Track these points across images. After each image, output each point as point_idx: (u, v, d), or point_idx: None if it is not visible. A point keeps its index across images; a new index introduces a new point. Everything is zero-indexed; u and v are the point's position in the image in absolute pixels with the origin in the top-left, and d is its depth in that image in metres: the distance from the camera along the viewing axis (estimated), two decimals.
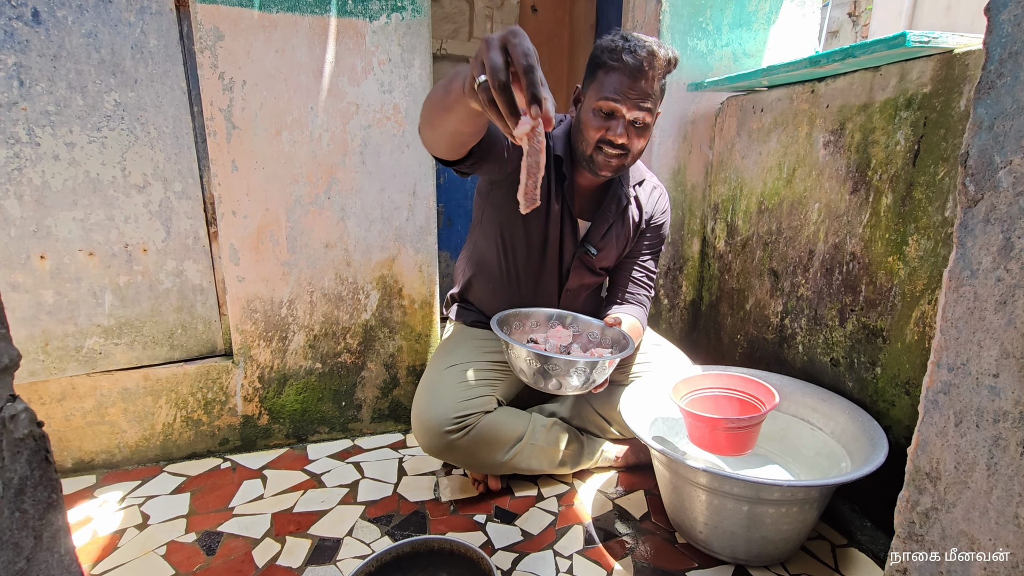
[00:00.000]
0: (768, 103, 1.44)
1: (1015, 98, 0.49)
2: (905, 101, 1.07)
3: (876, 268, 1.14)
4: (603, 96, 1.08)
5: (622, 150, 1.11)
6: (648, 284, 1.36)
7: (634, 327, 1.26)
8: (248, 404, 1.48)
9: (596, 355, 1.10)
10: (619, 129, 1.08)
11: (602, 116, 1.09)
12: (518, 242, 1.27)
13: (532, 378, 1.01)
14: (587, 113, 1.11)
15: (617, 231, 1.29)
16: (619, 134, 1.08)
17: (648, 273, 1.36)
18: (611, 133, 1.09)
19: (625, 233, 1.31)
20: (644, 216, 1.31)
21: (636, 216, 1.31)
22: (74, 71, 1.17)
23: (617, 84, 1.06)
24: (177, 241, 1.35)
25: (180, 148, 1.31)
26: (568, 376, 0.98)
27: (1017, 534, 0.51)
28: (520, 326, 1.21)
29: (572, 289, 1.34)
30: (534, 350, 0.98)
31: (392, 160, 1.45)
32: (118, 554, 1.11)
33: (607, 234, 1.28)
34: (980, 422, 0.53)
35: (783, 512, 1.02)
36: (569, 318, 1.25)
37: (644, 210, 1.31)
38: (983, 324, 0.52)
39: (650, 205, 1.32)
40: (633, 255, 1.36)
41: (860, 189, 1.17)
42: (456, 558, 0.98)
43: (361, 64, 1.37)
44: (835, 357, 1.26)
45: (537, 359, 0.97)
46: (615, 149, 1.11)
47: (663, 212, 1.34)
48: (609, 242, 1.29)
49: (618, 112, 1.08)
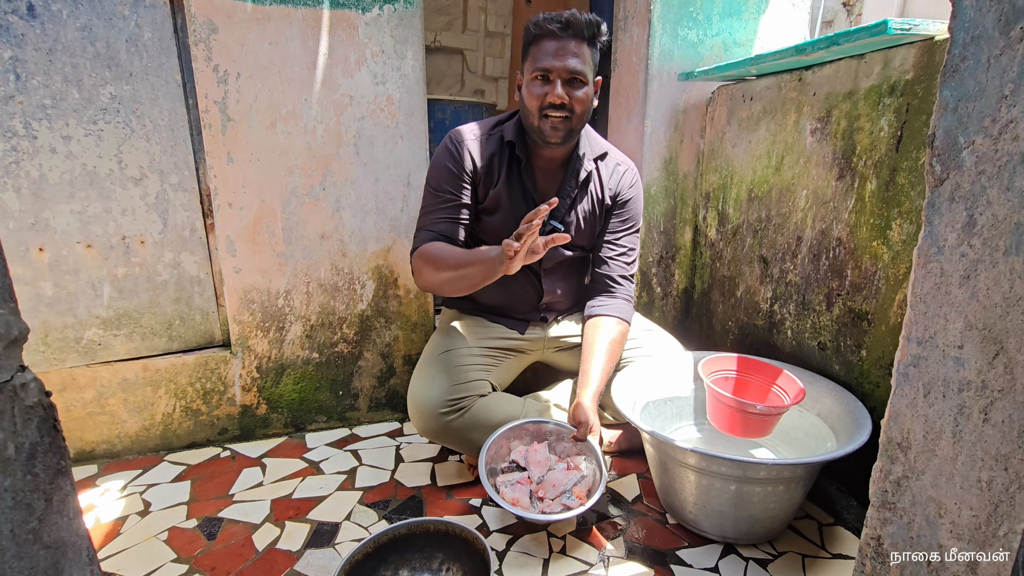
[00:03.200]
0: (757, 92, 1.46)
1: (977, 80, 0.51)
2: (888, 88, 1.09)
3: (861, 253, 1.17)
4: (536, 66, 1.15)
5: (565, 112, 1.16)
6: (627, 262, 1.38)
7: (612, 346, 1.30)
8: (246, 394, 1.50)
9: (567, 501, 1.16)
10: (557, 89, 1.14)
11: (539, 83, 1.16)
12: (489, 236, 1.31)
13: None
14: (527, 88, 1.18)
15: (584, 206, 1.32)
16: (558, 94, 1.14)
17: (626, 250, 1.38)
18: (550, 96, 1.15)
19: (591, 207, 1.33)
20: (607, 192, 1.34)
21: (599, 191, 1.33)
22: (69, 65, 1.18)
23: (545, 48, 1.14)
24: (174, 233, 1.36)
25: (176, 141, 1.32)
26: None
27: (980, 497, 0.53)
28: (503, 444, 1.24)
29: (550, 269, 1.37)
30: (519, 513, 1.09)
31: (386, 151, 1.47)
32: (121, 539, 1.13)
33: (572, 209, 1.31)
34: (946, 392, 0.56)
35: (770, 491, 1.04)
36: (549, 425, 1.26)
37: (607, 185, 1.33)
38: (949, 298, 0.55)
39: (614, 181, 1.34)
40: (607, 234, 1.37)
41: (846, 175, 1.20)
42: (452, 539, 1.00)
43: (354, 56, 1.39)
44: (822, 341, 1.29)
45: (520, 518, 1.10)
46: (558, 112, 1.16)
47: (631, 187, 1.36)
48: (574, 217, 1.32)
49: (552, 72, 1.14)
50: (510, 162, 1.27)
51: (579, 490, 1.15)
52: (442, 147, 1.27)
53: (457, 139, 1.26)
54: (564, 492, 1.15)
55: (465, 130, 1.28)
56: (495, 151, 1.26)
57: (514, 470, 1.21)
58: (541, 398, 1.43)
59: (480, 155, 1.25)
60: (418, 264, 1.21)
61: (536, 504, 1.13)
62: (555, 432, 1.26)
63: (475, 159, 1.25)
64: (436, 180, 1.26)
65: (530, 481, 1.17)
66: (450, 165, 1.24)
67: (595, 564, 1.07)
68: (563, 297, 1.41)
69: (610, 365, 1.28)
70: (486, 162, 1.25)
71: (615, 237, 1.37)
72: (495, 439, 1.21)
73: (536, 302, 1.39)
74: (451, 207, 1.25)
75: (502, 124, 1.29)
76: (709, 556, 1.10)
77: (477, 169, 1.25)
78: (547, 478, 1.18)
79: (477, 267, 1.09)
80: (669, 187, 1.76)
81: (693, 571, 1.06)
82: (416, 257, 1.22)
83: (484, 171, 1.26)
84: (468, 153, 1.24)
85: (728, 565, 1.07)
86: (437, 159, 1.27)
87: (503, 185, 1.26)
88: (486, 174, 1.26)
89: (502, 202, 1.27)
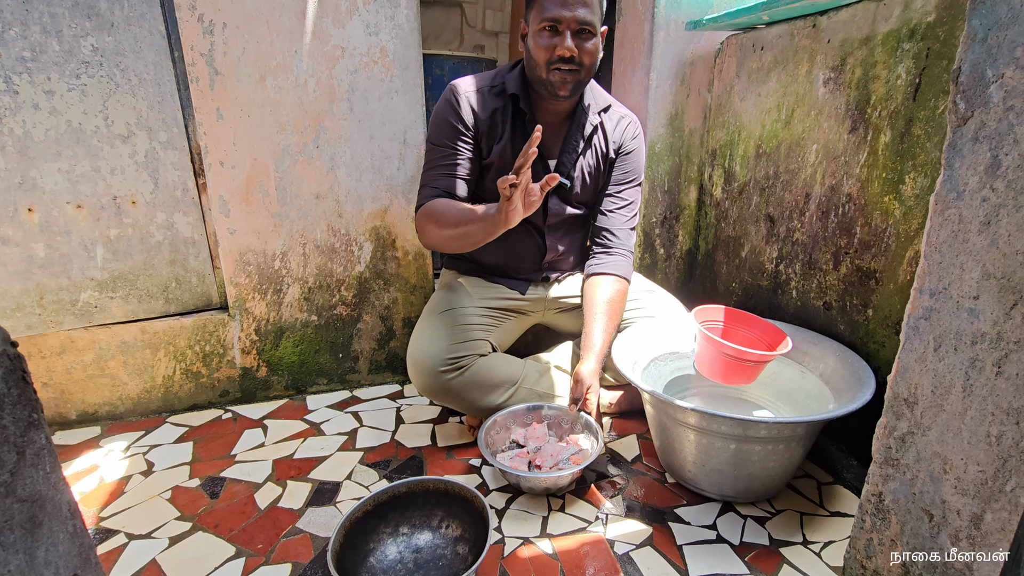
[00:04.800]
0: (768, 40, 1.39)
1: (1010, 6, 0.46)
2: (908, 32, 1.03)
3: (872, 209, 1.13)
4: (544, 15, 1.10)
5: (574, 64, 1.13)
6: (628, 216, 1.36)
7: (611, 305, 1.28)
8: (246, 356, 1.50)
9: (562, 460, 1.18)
10: (567, 42, 1.10)
11: (547, 35, 1.12)
12: (492, 194, 1.27)
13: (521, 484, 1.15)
14: (533, 39, 1.14)
15: (588, 160, 1.30)
16: (568, 47, 1.10)
17: (627, 203, 1.35)
18: (559, 48, 1.11)
19: (596, 162, 1.31)
20: (612, 145, 1.31)
21: (603, 145, 1.31)
22: (47, 14, 1.13)
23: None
24: (166, 193, 1.33)
25: (163, 96, 1.28)
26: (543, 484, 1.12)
27: (988, 452, 0.51)
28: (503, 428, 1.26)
29: (554, 225, 1.34)
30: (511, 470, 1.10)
31: (381, 107, 1.42)
32: (125, 498, 1.14)
33: (577, 163, 1.29)
34: (958, 345, 0.53)
35: (769, 450, 1.04)
36: (543, 408, 1.28)
37: (611, 138, 1.31)
38: (966, 247, 0.52)
39: (618, 133, 1.32)
40: (609, 187, 1.34)
41: (859, 128, 1.14)
42: (451, 497, 1.01)
43: (345, 4, 1.32)
44: (828, 301, 1.26)
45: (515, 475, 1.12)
46: (567, 64, 1.12)
47: (633, 138, 1.33)
48: (580, 171, 1.30)
49: (561, 23, 1.10)
50: (514, 116, 1.23)
51: (577, 458, 1.16)
52: (442, 100, 1.23)
53: (456, 92, 1.21)
54: (561, 461, 1.15)
55: (465, 83, 1.23)
56: (498, 105, 1.22)
57: (513, 448, 1.23)
58: (542, 359, 1.43)
59: (481, 108, 1.21)
60: (421, 222, 1.19)
61: (534, 472, 1.13)
62: (554, 416, 1.28)
63: (477, 112, 1.20)
64: (436, 135, 1.23)
65: (528, 454, 1.18)
66: (451, 119, 1.21)
67: (593, 522, 1.08)
68: (565, 255, 1.40)
69: (611, 325, 1.26)
70: (488, 116, 1.21)
71: (617, 190, 1.34)
72: (497, 419, 1.23)
73: (539, 260, 1.37)
74: (452, 162, 1.21)
75: (503, 76, 1.25)
76: (707, 514, 1.10)
77: (479, 123, 1.21)
78: (544, 448, 1.19)
79: (477, 224, 1.06)
80: (674, 144, 1.70)
81: (691, 528, 1.06)
82: (420, 215, 1.20)
83: (487, 125, 1.22)
84: (469, 106, 1.20)
85: (726, 522, 1.08)
86: (437, 113, 1.23)
87: (507, 140, 1.22)
88: (489, 128, 1.22)
89: (507, 157, 1.24)
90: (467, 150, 1.22)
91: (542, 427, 1.26)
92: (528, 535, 1.04)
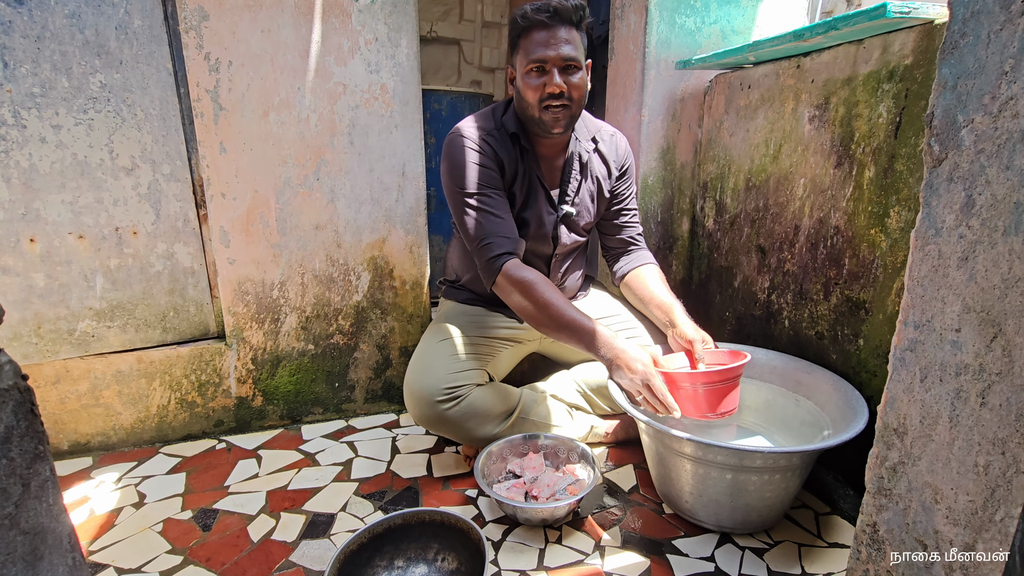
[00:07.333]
0: (755, 79, 1.44)
1: (976, 57, 0.50)
2: (887, 73, 1.07)
3: (859, 241, 1.16)
4: (530, 58, 1.14)
5: (565, 100, 1.16)
6: (637, 222, 1.46)
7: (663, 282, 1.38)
8: (242, 386, 1.49)
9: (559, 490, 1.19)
10: (556, 79, 1.14)
11: (535, 75, 1.16)
12: None
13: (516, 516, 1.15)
14: (522, 80, 1.18)
15: (589, 186, 1.35)
16: (556, 83, 1.14)
17: (634, 212, 1.45)
18: (549, 86, 1.15)
19: (596, 188, 1.36)
20: (614, 165, 1.38)
21: (603, 169, 1.37)
22: (58, 52, 1.17)
23: (537, 39, 1.14)
24: (167, 224, 1.35)
25: (167, 130, 1.31)
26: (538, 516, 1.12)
27: (976, 482, 0.53)
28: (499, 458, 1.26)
29: (560, 255, 1.38)
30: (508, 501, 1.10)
31: (380, 141, 1.46)
32: (116, 531, 1.13)
33: (579, 191, 1.34)
34: (943, 376, 0.55)
35: (766, 480, 1.04)
36: (540, 437, 1.29)
37: (610, 159, 1.37)
38: (947, 281, 0.54)
39: (615, 152, 1.39)
40: (619, 202, 1.42)
41: (844, 163, 1.18)
42: (447, 529, 1.00)
43: (348, 44, 1.37)
44: (819, 330, 1.28)
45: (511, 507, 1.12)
46: (557, 101, 1.16)
47: (627, 152, 1.42)
48: (582, 199, 1.35)
49: (547, 62, 1.14)
50: (520, 154, 1.27)
51: (573, 488, 1.16)
52: (462, 147, 1.22)
53: (478, 137, 1.22)
54: (557, 491, 1.15)
55: (475, 127, 1.24)
56: (509, 145, 1.26)
57: (510, 478, 1.23)
58: (538, 388, 1.43)
59: (501, 150, 1.24)
60: (504, 283, 1.18)
61: (530, 503, 1.13)
62: (551, 446, 1.28)
63: (499, 154, 1.24)
64: (474, 182, 1.20)
65: (524, 484, 1.18)
66: (486, 164, 1.21)
67: (591, 554, 1.07)
68: (566, 281, 1.44)
69: (671, 296, 1.33)
70: (507, 156, 1.25)
71: (623, 204, 1.42)
72: (493, 449, 1.23)
73: None
74: (503, 208, 1.22)
75: (500, 118, 1.28)
76: (705, 545, 1.09)
77: (504, 164, 1.24)
78: (541, 478, 1.19)
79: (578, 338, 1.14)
80: (667, 177, 1.74)
81: (689, 560, 1.05)
82: (504, 276, 1.18)
83: (507, 165, 1.25)
84: (493, 150, 1.23)
85: (724, 554, 1.07)
86: (464, 159, 1.21)
87: (521, 176, 1.27)
88: (509, 167, 1.26)
89: (518, 195, 1.28)
90: (504, 192, 1.24)
91: (538, 457, 1.26)
92: (525, 568, 1.03)
